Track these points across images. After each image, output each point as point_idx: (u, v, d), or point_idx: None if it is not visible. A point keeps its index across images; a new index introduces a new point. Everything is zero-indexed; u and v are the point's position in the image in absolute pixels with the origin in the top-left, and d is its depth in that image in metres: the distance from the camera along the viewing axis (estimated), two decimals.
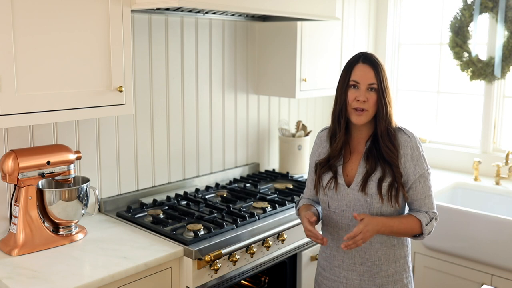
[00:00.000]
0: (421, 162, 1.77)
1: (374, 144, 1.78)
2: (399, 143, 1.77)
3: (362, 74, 1.73)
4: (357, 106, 1.73)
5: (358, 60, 1.76)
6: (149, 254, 1.89)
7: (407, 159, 1.75)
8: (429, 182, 1.78)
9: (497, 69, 3.01)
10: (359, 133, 1.82)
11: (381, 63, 1.75)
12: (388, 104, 1.75)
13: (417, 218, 1.75)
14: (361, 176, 1.76)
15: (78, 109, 1.86)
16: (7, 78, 1.66)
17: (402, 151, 1.76)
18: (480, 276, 2.67)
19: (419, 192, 1.76)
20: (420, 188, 1.76)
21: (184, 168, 2.71)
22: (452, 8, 3.25)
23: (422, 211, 1.78)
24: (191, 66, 2.68)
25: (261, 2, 2.17)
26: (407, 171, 1.75)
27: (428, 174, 1.78)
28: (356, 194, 1.76)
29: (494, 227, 2.58)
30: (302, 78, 2.85)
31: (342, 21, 3.11)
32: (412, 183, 1.76)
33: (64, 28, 1.79)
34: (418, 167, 1.76)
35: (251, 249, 2.13)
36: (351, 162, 1.82)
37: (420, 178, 1.76)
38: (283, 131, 3.15)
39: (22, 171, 1.88)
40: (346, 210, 1.79)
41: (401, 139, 1.77)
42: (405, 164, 1.75)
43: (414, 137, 1.79)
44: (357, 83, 1.73)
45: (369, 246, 1.78)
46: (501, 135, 3.20)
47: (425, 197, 1.77)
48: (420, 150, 1.78)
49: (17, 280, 1.66)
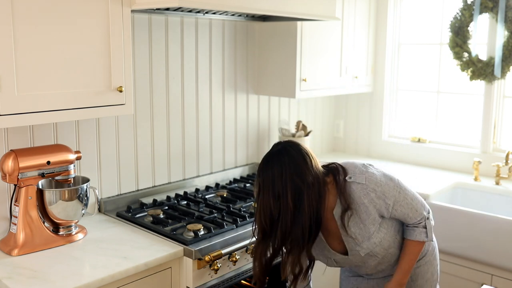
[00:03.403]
0: (388, 192, 1.68)
1: (342, 218, 1.69)
2: (359, 195, 1.66)
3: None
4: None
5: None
6: (149, 254, 1.89)
7: (375, 202, 1.67)
8: (404, 199, 1.71)
9: (497, 69, 3.01)
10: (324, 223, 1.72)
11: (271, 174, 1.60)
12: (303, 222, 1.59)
13: (416, 241, 1.76)
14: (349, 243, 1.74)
15: (78, 109, 1.86)
16: (7, 78, 1.66)
17: (366, 199, 1.66)
18: (480, 276, 2.67)
19: (400, 215, 1.72)
20: (399, 212, 1.71)
21: (184, 168, 2.71)
22: (452, 8, 3.25)
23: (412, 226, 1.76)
24: (191, 66, 2.68)
25: (261, 2, 2.17)
26: (381, 210, 1.69)
27: (399, 194, 1.70)
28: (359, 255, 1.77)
29: (494, 227, 2.58)
30: (302, 78, 2.85)
31: (342, 21, 3.11)
32: (390, 214, 1.71)
33: (64, 28, 1.79)
34: (388, 199, 1.68)
35: (251, 249, 2.13)
36: (332, 240, 1.77)
37: (394, 206, 1.69)
38: (283, 131, 3.15)
39: (22, 171, 1.88)
40: (361, 266, 1.83)
41: (356, 191, 1.66)
42: (376, 206, 1.68)
43: (368, 179, 1.67)
44: None
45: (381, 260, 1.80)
46: (501, 135, 3.20)
47: (407, 214, 1.73)
48: (379, 183, 1.67)
49: (17, 280, 1.66)
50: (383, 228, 1.73)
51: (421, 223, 1.75)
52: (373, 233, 1.71)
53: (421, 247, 1.78)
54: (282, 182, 1.58)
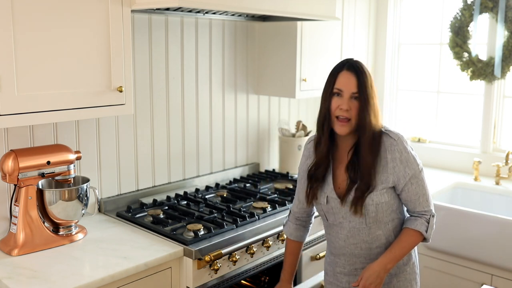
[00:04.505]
0: (411, 163, 1.72)
1: (357, 152, 1.73)
2: (386, 148, 1.72)
3: (346, 82, 1.68)
4: (339, 114, 1.69)
5: (342, 68, 1.71)
6: (149, 254, 1.89)
7: (396, 163, 1.71)
8: (422, 180, 1.75)
9: (497, 69, 3.01)
10: (343, 141, 1.78)
11: (366, 71, 1.70)
12: (372, 114, 1.69)
13: (415, 230, 1.74)
14: (350, 190, 1.73)
15: (78, 109, 1.86)
16: (7, 78, 1.66)
17: (390, 155, 1.71)
18: (480, 276, 2.67)
19: (412, 194, 1.74)
20: (412, 190, 1.73)
21: (184, 168, 2.71)
22: (452, 8, 3.25)
23: (416, 215, 1.76)
24: (191, 66, 2.68)
25: (261, 2, 2.17)
26: (397, 175, 1.71)
27: (419, 173, 1.74)
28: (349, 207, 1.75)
29: (494, 227, 2.58)
30: (302, 78, 2.85)
31: (342, 21, 3.11)
32: (404, 186, 1.72)
33: (64, 28, 1.79)
34: (408, 169, 1.72)
35: (251, 249, 2.13)
36: (340, 173, 1.79)
37: (411, 179, 1.72)
38: (283, 131, 3.15)
39: (22, 171, 1.88)
40: (343, 222, 1.78)
41: (387, 144, 1.72)
42: (394, 168, 1.71)
43: (400, 139, 1.74)
44: (340, 91, 1.69)
45: (368, 251, 1.79)
46: (501, 135, 3.20)
47: (419, 197, 1.74)
48: (408, 151, 1.73)
49: (17, 280, 1.66)
50: (387, 196, 1.72)
51: (426, 215, 1.75)
52: (377, 188, 1.70)
53: (417, 239, 1.74)
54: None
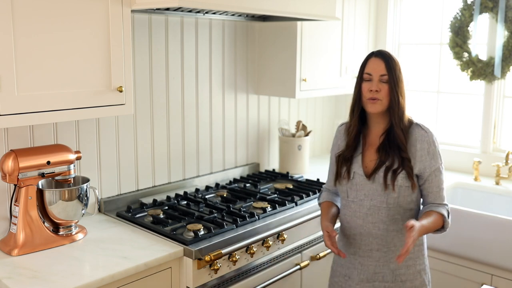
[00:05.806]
0: (437, 157, 1.84)
1: (389, 136, 1.85)
2: (416, 138, 1.84)
3: (374, 66, 1.83)
4: (370, 96, 1.82)
5: (371, 55, 1.87)
6: (149, 254, 1.89)
7: (423, 153, 1.82)
8: (442, 176, 1.87)
9: (497, 69, 3.01)
10: (376, 126, 1.90)
11: (394, 58, 1.85)
12: (400, 95, 1.82)
13: (439, 213, 1.82)
14: (379, 168, 1.83)
15: (78, 109, 1.86)
16: (7, 78, 1.66)
17: (419, 145, 1.83)
18: (480, 276, 2.67)
19: (434, 185, 1.85)
20: (435, 182, 1.85)
21: (184, 168, 2.71)
22: (452, 8, 3.25)
23: (436, 204, 1.85)
24: (191, 66, 2.68)
25: (261, 2, 2.17)
26: (423, 164, 1.82)
27: (442, 169, 1.86)
28: (375, 185, 1.82)
29: (494, 227, 2.58)
30: (302, 78, 2.85)
31: (342, 21, 3.11)
32: (428, 176, 1.84)
33: (64, 28, 1.79)
34: (434, 161, 1.83)
35: (251, 249, 2.13)
36: (369, 154, 1.88)
37: (435, 171, 1.84)
38: (283, 131, 3.15)
39: (22, 171, 1.88)
40: (364, 200, 1.86)
41: (418, 134, 1.85)
42: (422, 157, 1.82)
43: (431, 132, 1.86)
44: (370, 75, 1.83)
45: (385, 233, 1.84)
46: (501, 135, 3.20)
47: (439, 190, 1.86)
48: (436, 145, 1.85)
49: (17, 280, 1.66)
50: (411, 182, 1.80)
51: (446, 205, 1.87)
52: (403, 172, 1.80)
53: (440, 223, 1.81)
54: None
